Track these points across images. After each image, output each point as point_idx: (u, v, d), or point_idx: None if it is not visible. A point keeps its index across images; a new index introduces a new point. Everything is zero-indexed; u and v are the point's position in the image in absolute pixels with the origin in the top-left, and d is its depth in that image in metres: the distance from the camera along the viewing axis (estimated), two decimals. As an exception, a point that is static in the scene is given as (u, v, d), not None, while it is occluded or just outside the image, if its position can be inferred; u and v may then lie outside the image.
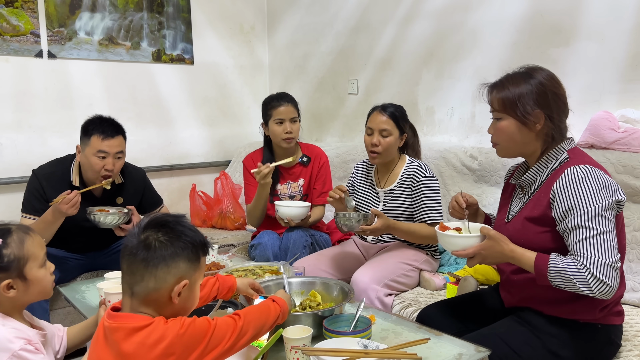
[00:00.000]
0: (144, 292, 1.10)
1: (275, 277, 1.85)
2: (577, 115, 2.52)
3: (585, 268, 1.34)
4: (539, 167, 1.54)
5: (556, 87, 1.52)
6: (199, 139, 3.97)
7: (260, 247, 2.48)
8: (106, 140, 2.22)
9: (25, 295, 1.31)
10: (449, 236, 1.56)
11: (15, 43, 3.08)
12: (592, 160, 1.49)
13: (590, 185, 1.39)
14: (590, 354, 1.49)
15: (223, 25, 4.00)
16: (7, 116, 3.11)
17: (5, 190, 3.10)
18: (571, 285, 1.36)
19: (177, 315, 1.13)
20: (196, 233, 1.16)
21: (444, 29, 3.06)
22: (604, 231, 1.36)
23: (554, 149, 1.52)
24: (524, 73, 1.54)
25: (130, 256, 1.11)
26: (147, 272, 1.09)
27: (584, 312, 1.48)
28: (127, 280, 1.12)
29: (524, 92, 1.49)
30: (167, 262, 1.10)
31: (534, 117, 1.49)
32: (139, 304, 1.11)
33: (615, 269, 1.35)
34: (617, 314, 1.53)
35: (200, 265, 1.16)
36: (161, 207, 2.65)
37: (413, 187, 2.25)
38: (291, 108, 2.57)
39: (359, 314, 1.53)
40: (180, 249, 1.11)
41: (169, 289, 1.10)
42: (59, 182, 2.31)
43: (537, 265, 1.42)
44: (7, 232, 1.28)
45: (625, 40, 2.38)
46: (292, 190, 2.65)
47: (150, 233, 1.11)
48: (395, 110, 2.24)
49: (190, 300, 1.17)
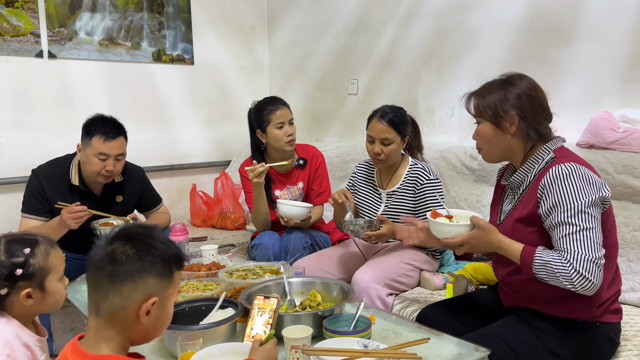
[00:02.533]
0: (109, 310, 1.01)
1: (275, 277, 1.85)
2: (577, 115, 2.54)
3: (569, 263, 1.36)
4: (526, 168, 1.56)
5: (533, 91, 1.54)
6: (199, 139, 3.97)
7: (260, 247, 2.48)
8: (108, 142, 2.22)
9: (40, 306, 1.31)
10: (440, 224, 1.59)
11: (15, 43, 3.08)
12: (579, 158, 1.51)
13: (573, 182, 1.41)
14: (589, 353, 1.50)
15: (223, 25, 4.00)
16: (7, 116, 3.12)
17: (5, 190, 3.10)
18: (555, 279, 1.39)
19: (146, 335, 1.07)
20: (168, 246, 1.06)
21: (444, 29, 3.06)
22: (588, 227, 1.38)
23: (540, 149, 1.54)
24: (501, 80, 1.58)
25: (95, 270, 1.03)
26: (112, 289, 1.00)
27: (582, 310, 1.49)
28: (92, 297, 1.04)
29: (497, 97, 1.54)
30: (133, 278, 1.01)
31: (508, 119, 1.52)
32: (104, 324, 1.02)
33: (598, 265, 1.37)
34: (615, 312, 1.54)
35: (173, 281, 1.07)
36: (160, 205, 2.65)
37: (417, 189, 2.25)
38: (287, 110, 2.55)
39: (359, 313, 1.53)
40: (149, 263, 1.02)
41: (135, 307, 1.01)
42: (58, 182, 2.31)
43: (523, 257, 1.44)
44: (35, 243, 1.30)
45: (625, 40, 2.38)
46: (292, 194, 2.64)
47: (118, 245, 1.03)
48: (394, 115, 2.21)
49: (162, 319, 1.07)
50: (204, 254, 2.29)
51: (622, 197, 2.21)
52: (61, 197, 2.28)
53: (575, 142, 2.39)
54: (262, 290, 1.68)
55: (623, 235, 2.10)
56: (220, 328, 1.43)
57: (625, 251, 2.08)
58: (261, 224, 2.58)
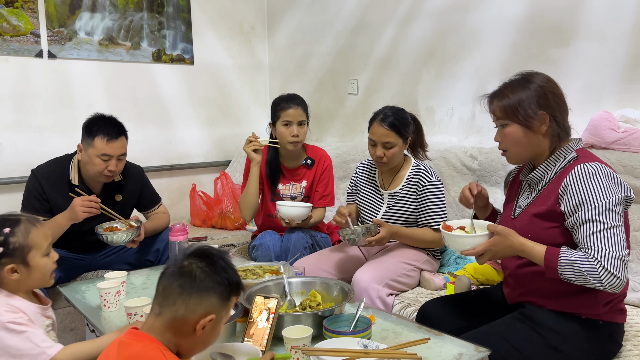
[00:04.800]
0: (171, 316, 1.10)
1: (275, 277, 1.85)
2: (577, 115, 2.52)
3: (597, 261, 1.36)
4: (548, 165, 1.56)
5: (554, 88, 1.54)
6: (199, 139, 3.97)
7: (262, 247, 2.48)
8: (110, 143, 2.22)
9: (28, 279, 1.45)
10: (457, 236, 1.56)
11: (15, 43, 3.08)
12: (601, 160, 1.51)
13: (600, 181, 1.41)
14: (590, 351, 1.50)
15: (223, 25, 4.00)
16: (7, 116, 3.12)
17: (5, 190, 3.10)
18: (582, 278, 1.37)
19: (194, 348, 1.15)
20: (235, 273, 1.17)
21: (444, 29, 3.06)
22: (615, 225, 1.38)
23: (562, 147, 1.54)
24: (521, 79, 1.56)
25: (168, 279, 1.12)
26: (180, 298, 1.10)
27: (586, 306, 1.49)
28: (158, 301, 1.13)
29: (523, 97, 1.52)
30: (201, 294, 1.10)
31: (538, 120, 1.51)
32: (161, 326, 1.11)
33: (625, 263, 1.37)
34: (619, 311, 1.54)
35: (229, 305, 1.17)
36: (159, 205, 2.65)
37: (419, 191, 2.25)
38: (300, 111, 2.52)
39: (359, 314, 1.53)
40: (217, 283, 1.12)
41: (195, 319, 1.10)
42: (58, 181, 2.31)
43: (547, 258, 1.43)
44: (16, 222, 1.44)
45: (625, 40, 2.38)
46: (294, 191, 2.64)
47: (194, 261, 1.13)
48: (395, 118, 2.19)
49: (212, 337, 1.17)
50: (204, 254, 2.28)
51: (622, 197, 2.20)
52: (60, 197, 2.28)
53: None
54: (262, 291, 1.68)
55: (623, 235, 2.10)
56: (220, 328, 1.43)
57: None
58: (248, 209, 2.56)
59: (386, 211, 2.31)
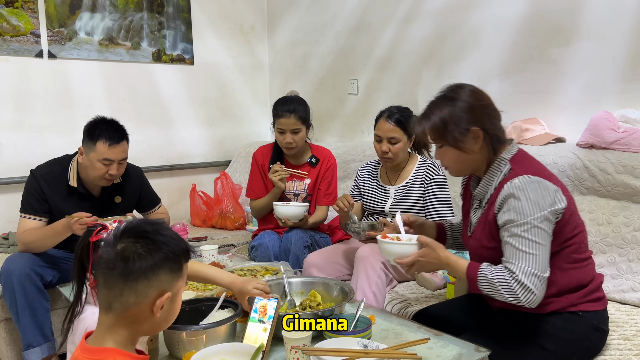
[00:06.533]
0: (122, 307, 1.02)
1: (275, 277, 1.85)
2: (577, 115, 2.54)
3: (514, 276, 1.38)
4: (488, 180, 1.55)
5: (481, 98, 1.52)
6: (199, 139, 3.97)
7: (261, 248, 2.48)
8: (112, 147, 2.21)
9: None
10: (389, 243, 1.59)
11: (15, 43, 3.08)
12: (534, 164, 1.50)
13: (527, 197, 1.41)
14: (577, 343, 1.50)
15: (223, 25, 4.00)
16: (7, 116, 3.12)
17: (5, 190, 3.10)
18: (497, 293, 1.41)
19: (157, 327, 1.09)
20: (178, 241, 1.08)
21: (444, 29, 3.06)
22: (537, 242, 1.39)
23: (497, 160, 1.53)
24: (444, 97, 1.54)
25: (107, 269, 1.02)
26: (126, 287, 1.01)
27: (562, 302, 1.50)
28: (104, 295, 1.04)
29: (450, 116, 1.49)
30: (147, 276, 1.02)
31: (470, 137, 1.49)
32: (115, 320, 1.03)
33: (541, 281, 1.39)
34: (597, 299, 1.54)
35: (182, 274, 1.09)
36: (159, 206, 2.65)
37: (426, 184, 2.30)
38: (293, 120, 2.49)
39: (359, 314, 1.53)
40: (162, 260, 1.03)
41: (150, 302, 1.03)
42: (56, 182, 2.31)
43: (468, 273, 1.47)
44: None
45: (625, 40, 2.38)
46: (297, 188, 2.65)
47: (128, 244, 1.03)
48: (401, 115, 2.27)
49: (172, 312, 1.10)
50: (204, 254, 2.29)
51: (622, 197, 2.21)
52: (59, 198, 2.28)
53: (575, 142, 2.39)
54: (262, 290, 1.68)
55: (623, 235, 2.10)
56: (220, 328, 1.43)
57: (625, 251, 2.08)
58: (261, 214, 2.70)
59: (392, 205, 2.32)
